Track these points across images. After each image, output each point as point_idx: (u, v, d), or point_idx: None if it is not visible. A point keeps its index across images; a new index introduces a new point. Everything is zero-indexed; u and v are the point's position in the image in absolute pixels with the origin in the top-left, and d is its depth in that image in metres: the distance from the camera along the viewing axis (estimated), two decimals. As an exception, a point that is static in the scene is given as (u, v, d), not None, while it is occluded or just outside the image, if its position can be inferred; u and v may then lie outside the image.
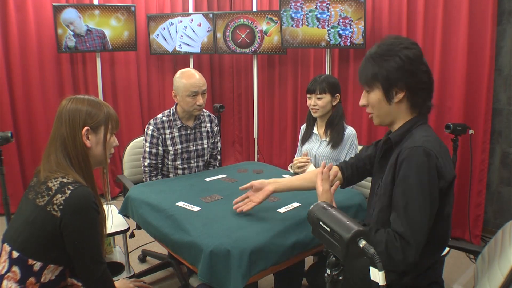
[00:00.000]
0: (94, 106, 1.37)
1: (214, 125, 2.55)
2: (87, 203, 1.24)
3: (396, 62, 1.26)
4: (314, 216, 1.00)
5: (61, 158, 1.32)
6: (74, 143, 1.32)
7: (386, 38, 1.33)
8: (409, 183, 1.20)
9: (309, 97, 2.24)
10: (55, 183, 1.25)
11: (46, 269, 1.23)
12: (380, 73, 1.29)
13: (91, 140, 1.36)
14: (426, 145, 1.21)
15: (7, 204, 2.27)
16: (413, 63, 1.26)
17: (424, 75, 1.29)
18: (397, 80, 1.27)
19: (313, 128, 2.34)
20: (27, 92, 3.64)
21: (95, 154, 1.38)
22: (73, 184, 1.25)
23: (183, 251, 1.51)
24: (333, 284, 0.97)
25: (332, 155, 2.21)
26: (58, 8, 3.58)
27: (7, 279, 1.22)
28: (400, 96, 1.30)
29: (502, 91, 2.88)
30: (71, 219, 1.22)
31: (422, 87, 1.30)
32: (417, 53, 1.28)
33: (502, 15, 2.81)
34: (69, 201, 1.22)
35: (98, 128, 1.37)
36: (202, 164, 2.48)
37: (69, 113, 1.34)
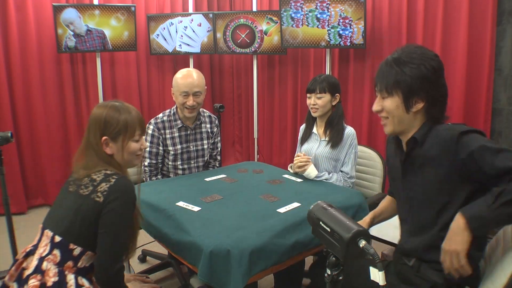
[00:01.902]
0: (114, 113, 1.41)
1: (214, 125, 2.53)
2: (129, 191, 1.34)
3: (421, 70, 1.24)
4: (314, 216, 1.00)
5: (96, 160, 1.39)
6: (98, 150, 1.40)
7: (409, 46, 1.32)
8: (486, 149, 1.20)
9: (309, 96, 2.24)
10: (99, 175, 1.34)
11: (85, 255, 1.33)
12: (403, 80, 1.26)
13: (111, 147, 1.41)
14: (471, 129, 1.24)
15: (7, 204, 2.26)
16: (436, 74, 1.26)
17: (443, 88, 1.30)
18: (419, 89, 1.26)
19: (312, 128, 2.34)
20: (27, 92, 3.64)
21: (120, 160, 1.43)
22: (117, 174, 1.35)
23: (183, 251, 1.51)
24: (333, 284, 0.97)
25: (331, 155, 2.21)
26: (58, 8, 3.58)
27: (47, 260, 1.31)
28: (419, 106, 1.28)
29: (502, 91, 2.88)
30: (112, 202, 1.29)
31: (441, 100, 1.30)
32: (439, 65, 1.27)
33: (502, 15, 2.81)
34: (114, 187, 1.31)
35: (117, 137, 1.41)
36: (202, 165, 2.48)
37: (93, 120, 1.41)
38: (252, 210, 1.67)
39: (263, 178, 2.14)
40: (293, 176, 2.18)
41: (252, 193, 1.90)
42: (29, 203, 3.75)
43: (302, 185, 2.06)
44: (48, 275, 1.29)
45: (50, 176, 3.81)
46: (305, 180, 2.13)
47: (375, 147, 2.66)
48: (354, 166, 2.23)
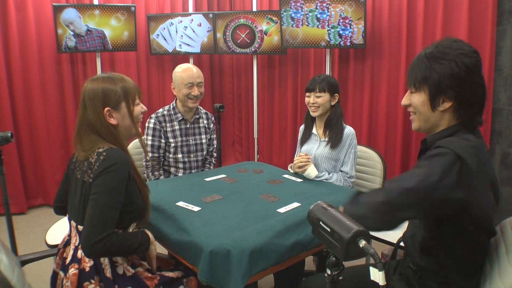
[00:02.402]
0: (109, 84, 1.41)
1: (211, 122, 2.64)
2: (117, 163, 1.33)
3: (452, 68, 1.15)
4: (314, 216, 1.00)
5: (92, 135, 1.40)
6: (100, 123, 1.40)
7: (445, 40, 1.22)
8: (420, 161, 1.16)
9: (308, 95, 2.24)
10: (93, 156, 1.35)
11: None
12: (431, 76, 1.18)
13: (116, 117, 1.42)
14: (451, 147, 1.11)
15: (7, 204, 2.26)
16: (470, 72, 1.14)
17: (478, 88, 1.17)
18: (447, 88, 1.16)
19: (312, 129, 2.35)
20: (27, 92, 3.64)
21: (125, 128, 1.45)
22: (107, 149, 1.35)
23: (183, 251, 1.51)
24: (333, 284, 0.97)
25: (331, 155, 2.21)
26: (58, 8, 3.58)
27: (80, 249, 1.36)
28: (447, 106, 1.18)
29: (502, 91, 2.88)
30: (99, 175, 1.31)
31: (472, 101, 1.18)
32: (475, 63, 1.16)
33: (502, 15, 2.81)
34: (102, 163, 1.32)
35: (119, 105, 1.42)
36: (201, 159, 2.56)
37: (89, 96, 1.40)
38: (252, 210, 1.67)
39: (263, 178, 2.14)
40: (293, 176, 2.18)
41: (252, 193, 1.90)
42: (29, 203, 3.75)
43: (302, 185, 2.05)
44: (84, 261, 1.36)
45: (50, 176, 3.82)
46: (305, 180, 2.13)
47: (375, 147, 2.67)
48: (354, 165, 2.23)
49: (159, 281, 1.49)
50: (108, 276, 1.37)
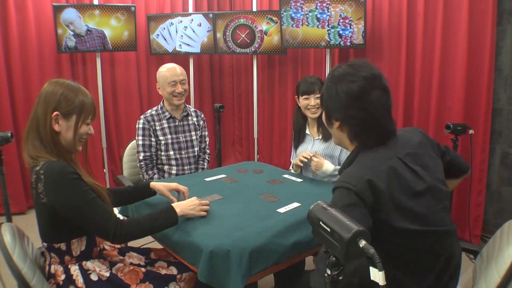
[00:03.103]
0: (70, 92, 1.38)
1: (200, 119, 2.68)
2: (60, 174, 1.29)
3: (333, 92, 1.25)
4: (314, 216, 1.00)
5: (35, 139, 1.36)
6: (45, 125, 1.35)
7: (348, 62, 1.29)
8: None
9: (307, 97, 2.25)
10: (33, 175, 1.33)
11: (72, 245, 1.39)
12: (323, 98, 1.32)
13: (61, 125, 1.37)
14: (341, 179, 1.19)
15: (7, 204, 2.27)
16: (349, 98, 1.22)
17: (361, 111, 1.22)
18: (332, 110, 1.28)
19: (305, 130, 2.36)
20: (27, 92, 3.64)
21: (65, 139, 1.39)
22: (43, 166, 1.31)
23: (183, 251, 1.51)
24: (333, 284, 0.97)
25: (326, 151, 2.25)
26: (58, 8, 3.58)
27: (53, 264, 1.41)
28: (337, 125, 1.29)
29: (502, 91, 2.88)
30: (56, 196, 1.29)
31: (354, 122, 1.25)
32: (356, 89, 1.21)
33: (502, 15, 2.81)
34: (46, 183, 1.29)
35: (70, 115, 1.38)
36: (193, 156, 2.59)
37: (46, 95, 1.37)
38: (252, 210, 1.67)
39: (263, 178, 2.14)
40: (293, 176, 2.18)
41: (252, 193, 1.90)
42: (29, 203, 3.75)
43: (302, 185, 2.05)
44: (57, 275, 1.39)
45: (50, 176, 3.81)
46: (305, 180, 2.13)
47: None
48: None
49: (147, 276, 1.48)
50: (79, 287, 1.37)
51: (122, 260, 1.51)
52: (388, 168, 1.19)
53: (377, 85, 1.23)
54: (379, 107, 1.22)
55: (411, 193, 1.20)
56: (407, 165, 1.22)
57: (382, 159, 1.21)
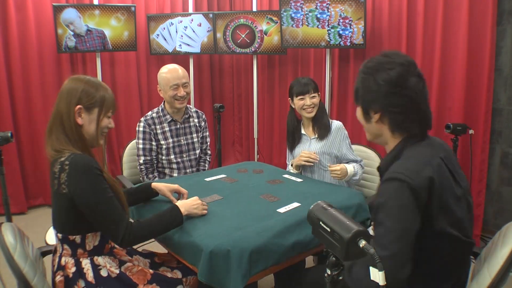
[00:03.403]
0: (91, 87, 1.43)
1: (202, 120, 2.63)
2: (83, 167, 1.33)
3: (369, 82, 1.22)
4: (314, 216, 1.00)
5: (60, 133, 1.40)
6: (69, 119, 1.39)
7: (379, 54, 1.27)
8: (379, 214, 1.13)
9: (302, 98, 2.28)
10: (56, 166, 1.35)
11: (86, 239, 1.41)
12: (358, 90, 1.28)
13: (84, 118, 1.42)
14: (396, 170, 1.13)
15: (7, 204, 2.27)
16: (390, 86, 1.19)
17: (403, 98, 1.19)
18: (370, 101, 1.24)
19: (300, 131, 2.38)
20: (27, 92, 3.64)
21: (88, 133, 1.44)
22: (69, 157, 1.34)
23: (183, 251, 1.51)
24: (333, 284, 0.97)
25: (324, 149, 2.28)
26: (58, 8, 3.58)
27: (64, 256, 1.42)
28: (377, 117, 1.25)
29: (502, 91, 2.88)
30: (76, 187, 1.32)
31: (396, 110, 1.21)
32: (396, 75, 1.19)
33: (502, 15, 2.81)
34: (70, 174, 1.32)
35: (92, 108, 1.43)
36: (194, 158, 2.56)
37: (67, 90, 1.42)
38: (252, 210, 1.67)
39: (263, 178, 2.14)
40: (293, 176, 2.18)
41: (252, 193, 1.90)
42: (29, 203, 3.75)
43: (302, 185, 2.06)
44: (68, 268, 1.40)
45: (50, 176, 3.81)
46: (305, 180, 2.14)
47: (375, 147, 2.67)
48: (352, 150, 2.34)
49: (154, 278, 1.49)
50: (89, 281, 1.39)
51: (130, 260, 1.53)
52: (438, 166, 1.17)
53: (414, 71, 1.21)
54: (419, 93, 1.20)
55: (454, 196, 1.17)
56: (447, 167, 1.20)
57: (431, 155, 1.19)
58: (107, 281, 1.41)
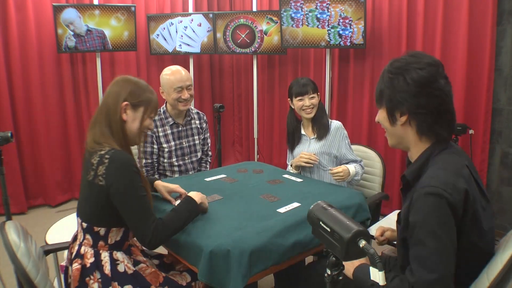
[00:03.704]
0: (139, 88, 1.52)
1: (203, 121, 2.61)
2: (123, 163, 1.38)
3: (399, 82, 1.17)
4: (314, 216, 1.00)
5: (104, 126, 1.46)
6: (115, 113, 1.46)
7: (408, 52, 1.23)
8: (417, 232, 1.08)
9: (301, 99, 2.28)
10: (95, 157, 1.40)
11: (110, 232, 1.44)
12: (385, 91, 1.21)
13: (129, 114, 1.49)
14: (432, 184, 1.07)
15: (7, 204, 2.27)
16: (419, 85, 1.14)
17: (433, 99, 1.15)
18: (398, 102, 1.17)
19: (300, 131, 2.38)
20: (27, 92, 3.64)
21: (130, 130, 1.50)
22: (109, 152, 1.39)
23: (183, 251, 1.51)
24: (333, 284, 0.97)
25: (323, 149, 2.28)
26: (58, 8, 3.58)
27: (84, 245, 1.45)
28: (403, 119, 1.19)
29: (502, 91, 2.88)
30: (114, 181, 1.36)
31: (425, 112, 1.16)
32: (427, 76, 1.14)
33: (502, 15, 2.81)
34: (109, 167, 1.37)
35: (138, 107, 1.50)
36: (196, 160, 2.54)
37: (118, 87, 1.50)
38: (252, 210, 1.67)
39: (263, 178, 2.14)
40: (293, 176, 2.18)
41: (252, 193, 1.90)
42: (29, 203, 3.75)
43: (302, 185, 2.05)
44: (86, 257, 1.42)
45: (50, 176, 3.82)
46: (305, 180, 2.13)
47: (375, 147, 2.67)
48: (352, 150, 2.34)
49: (166, 281, 1.50)
50: (106, 273, 1.40)
51: (144, 262, 1.53)
52: (468, 176, 1.12)
53: (442, 73, 1.18)
54: (448, 95, 1.17)
55: (481, 206, 1.14)
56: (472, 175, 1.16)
57: (460, 164, 1.14)
58: (122, 276, 1.42)
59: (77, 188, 4.04)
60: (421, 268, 1.05)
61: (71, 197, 4.04)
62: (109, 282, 1.39)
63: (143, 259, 1.54)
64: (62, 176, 3.94)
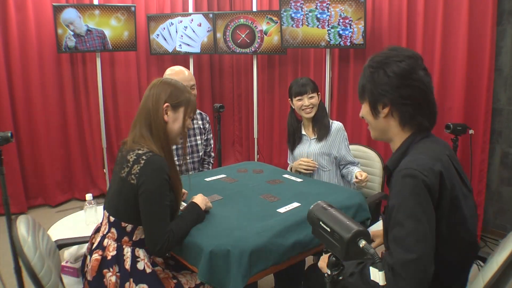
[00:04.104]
0: (178, 89, 1.56)
1: (206, 122, 2.61)
2: (157, 168, 1.41)
3: (379, 75, 1.21)
4: (314, 216, 1.00)
5: (144, 128, 1.49)
6: (156, 115, 1.50)
7: (384, 48, 1.27)
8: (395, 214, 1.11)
9: (300, 98, 2.29)
10: (132, 155, 1.43)
11: (137, 229, 1.46)
12: (366, 86, 1.25)
13: (170, 116, 1.52)
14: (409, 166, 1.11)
15: (7, 204, 2.26)
16: (400, 78, 1.18)
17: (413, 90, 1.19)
18: (380, 95, 1.22)
19: (301, 131, 2.38)
20: (27, 92, 3.64)
21: (171, 130, 1.54)
22: (147, 154, 1.42)
23: (183, 251, 1.51)
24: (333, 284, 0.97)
25: (323, 150, 2.29)
26: (58, 8, 3.58)
27: (108, 238, 1.48)
28: (386, 111, 1.23)
29: (502, 91, 2.88)
30: (144, 182, 1.39)
31: (407, 103, 1.19)
32: (407, 68, 1.18)
33: (502, 15, 2.81)
34: (143, 169, 1.40)
35: (178, 107, 1.54)
36: (197, 160, 2.54)
37: (157, 89, 1.53)
38: (252, 210, 1.67)
39: (263, 178, 2.14)
40: (293, 176, 2.18)
41: (252, 193, 1.90)
42: (29, 203, 3.75)
43: (302, 185, 2.05)
44: (108, 250, 1.45)
45: (50, 176, 3.82)
46: (305, 180, 2.13)
47: (374, 147, 2.67)
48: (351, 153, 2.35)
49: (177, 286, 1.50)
50: (126, 268, 1.42)
51: (161, 264, 1.54)
52: (447, 163, 1.16)
53: (421, 65, 1.21)
54: (428, 85, 1.20)
55: (462, 193, 1.17)
56: (453, 164, 1.20)
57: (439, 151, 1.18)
58: (140, 274, 1.43)
59: (77, 188, 4.04)
60: (399, 248, 1.06)
61: (71, 197, 4.04)
62: (127, 278, 1.41)
63: (160, 261, 1.55)
64: (62, 176, 3.94)
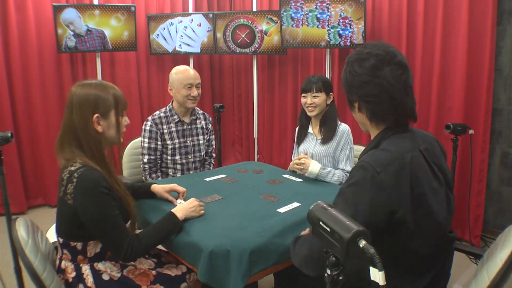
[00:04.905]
0: (101, 91, 1.40)
1: (209, 122, 2.62)
2: (92, 186, 1.32)
3: (345, 73, 1.26)
4: (314, 216, 1.00)
5: (74, 147, 1.39)
6: (86, 130, 1.38)
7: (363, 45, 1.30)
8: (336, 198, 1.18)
9: (305, 95, 2.28)
10: (66, 173, 1.35)
11: (88, 246, 1.40)
12: (342, 80, 1.31)
13: (103, 125, 1.41)
14: (367, 160, 1.14)
15: (7, 204, 2.27)
16: (361, 76, 1.20)
17: (375, 87, 1.19)
18: (349, 92, 1.27)
19: (308, 128, 2.38)
20: (27, 92, 3.64)
21: (108, 137, 1.44)
22: (79, 170, 1.33)
23: (183, 251, 1.51)
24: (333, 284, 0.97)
25: (327, 152, 2.26)
26: (58, 8, 3.58)
27: (64, 259, 1.43)
28: (357, 106, 1.27)
29: (502, 91, 2.88)
30: (81, 204, 1.32)
31: (370, 100, 1.21)
32: (368, 66, 1.19)
33: (502, 15, 2.81)
34: (77, 188, 1.32)
35: (108, 113, 1.41)
36: (199, 160, 2.55)
37: (79, 100, 1.37)
38: (252, 210, 1.67)
39: (263, 178, 2.14)
40: (293, 176, 2.18)
41: (252, 193, 1.90)
42: (29, 203, 3.75)
43: (302, 185, 2.05)
44: (67, 272, 1.41)
45: (50, 176, 3.81)
46: (305, 180, 2.13)
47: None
48: (350, 161, 2.27)
49: (158, 278, 1.49)
50: (89, 286, 1.39)
51: (133, 264, 1.52)
52: (415, 159, 1.18)
53: (390, 61, 1.20)
54: (393, 82, 1.19)
55: (430, 188, 1.19)
56: (426, 159, 1.21)
57: (407, 148, 1.19)
58: (108, 284, 1.41)
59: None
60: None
61: (71, 197, 4.03)
62: None
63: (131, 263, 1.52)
64: (62, 176, 3.94)
